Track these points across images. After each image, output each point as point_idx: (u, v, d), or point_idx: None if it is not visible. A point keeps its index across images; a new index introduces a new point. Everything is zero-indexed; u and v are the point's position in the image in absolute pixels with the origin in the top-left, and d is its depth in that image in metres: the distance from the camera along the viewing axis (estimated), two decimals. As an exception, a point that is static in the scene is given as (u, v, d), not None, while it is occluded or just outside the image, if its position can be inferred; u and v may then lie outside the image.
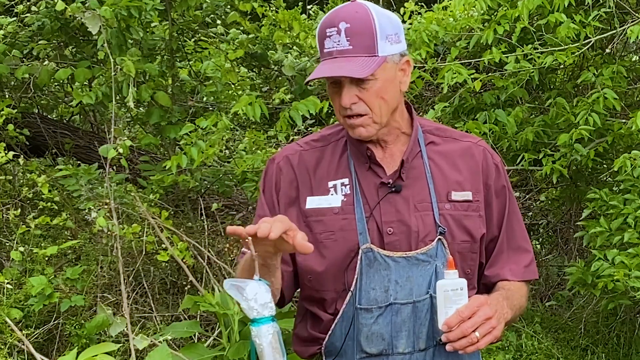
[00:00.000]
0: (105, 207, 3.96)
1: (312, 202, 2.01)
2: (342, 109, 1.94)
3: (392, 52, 1.93)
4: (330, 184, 2.01)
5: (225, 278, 3.75)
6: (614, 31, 4.15)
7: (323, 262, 1.99)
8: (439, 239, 1.97)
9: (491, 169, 2.06)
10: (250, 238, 1.72)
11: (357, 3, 1.94)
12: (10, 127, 4.67)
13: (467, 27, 4.31)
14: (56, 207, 4.54)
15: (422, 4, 4.91)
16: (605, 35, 4.22)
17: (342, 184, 2.00)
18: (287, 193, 2.04)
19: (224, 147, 4.80)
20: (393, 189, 1.98)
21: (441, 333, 1.85)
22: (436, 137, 2.07)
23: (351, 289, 1.96)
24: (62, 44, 5.07)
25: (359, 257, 1.95)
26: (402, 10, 4.69)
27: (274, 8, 5.15)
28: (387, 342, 1.95)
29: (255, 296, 1.81)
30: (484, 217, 2.03)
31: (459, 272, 1.92)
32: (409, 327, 1.95)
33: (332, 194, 2.00)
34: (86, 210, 4.32)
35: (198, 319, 4.22)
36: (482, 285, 2.09)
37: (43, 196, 4.41)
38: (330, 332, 2.01)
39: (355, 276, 1.96)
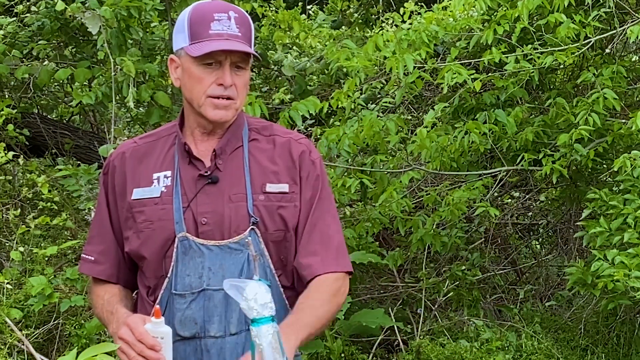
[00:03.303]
0: (105, 207, 3.95)
1: (137, 194, 2.12)
2: (216, 88, 2.03)
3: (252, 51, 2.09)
4: (155, 175, 2.12)
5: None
6: (614, 31, 4.15)
7: (146, 250, 2.09)
8: (252, 228, 2.05)
9: (307, 163, 2.13)
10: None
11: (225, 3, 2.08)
12: (10, 127, 4.67)
13: (467, 27, 4.31)
14: (56, 207, 4.54)
15: (422, 4, 4.90)
16: (605, 35, 4.22)
17: (165, 176, 2.11)
18: (119, 186, 2.16)
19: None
20: (210, 180, 2.08)
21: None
22: (260, 136, 2.17)
23: (168, 275, 2.06)
24: (62, 44, 5.06)
25: (175, 244, 2.05)
26: (402, 10, 4.69)
27: (273, 8, 5.14)
28: (200, 326, 2.03)
29: (255, 296, 1.82)
30: (299, 207, 2.10)
31: (274, 259, 2.06)
32: (220, 312, 2.04)
33: (154, 185, 2.11)
34: (86, 210, 4.32)
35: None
36: (298, 277, 2.11)
37: (43, 196, 4.41)
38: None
39: (172, 263, 2.06)
